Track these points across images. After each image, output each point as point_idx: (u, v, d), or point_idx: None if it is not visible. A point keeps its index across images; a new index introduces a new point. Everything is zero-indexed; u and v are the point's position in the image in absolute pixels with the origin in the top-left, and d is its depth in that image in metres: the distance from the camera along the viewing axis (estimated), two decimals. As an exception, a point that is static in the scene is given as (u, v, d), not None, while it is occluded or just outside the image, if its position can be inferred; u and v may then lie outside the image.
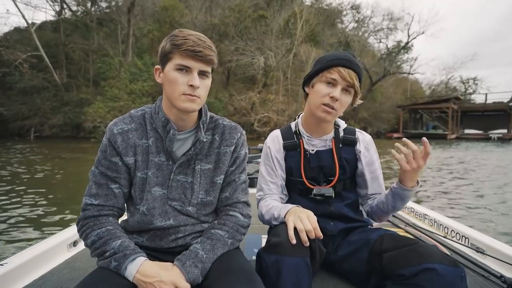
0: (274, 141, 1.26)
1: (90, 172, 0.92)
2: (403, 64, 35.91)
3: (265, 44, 24.34)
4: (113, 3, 25.49)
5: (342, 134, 1.23)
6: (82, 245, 1.51)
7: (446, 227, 1.73)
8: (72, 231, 1.51)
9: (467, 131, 37.00)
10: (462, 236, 1.59)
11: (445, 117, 33.37)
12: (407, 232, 1.69)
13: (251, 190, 1.22)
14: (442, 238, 1.65)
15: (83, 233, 0.87)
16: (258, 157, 4.20)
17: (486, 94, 38.15)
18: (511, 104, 33.75)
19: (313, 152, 1.21)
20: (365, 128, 27.64)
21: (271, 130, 1.33)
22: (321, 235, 0.91)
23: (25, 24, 21.28)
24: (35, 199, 4.72)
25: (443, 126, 34.70)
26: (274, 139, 1.27)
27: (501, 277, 1.16)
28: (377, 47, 38.47)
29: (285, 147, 1.24)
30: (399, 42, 35.56)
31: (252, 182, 2.80)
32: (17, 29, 24.12)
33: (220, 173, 0.99)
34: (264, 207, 1.15)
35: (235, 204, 1.02)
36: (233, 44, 23.79)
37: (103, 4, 25.77)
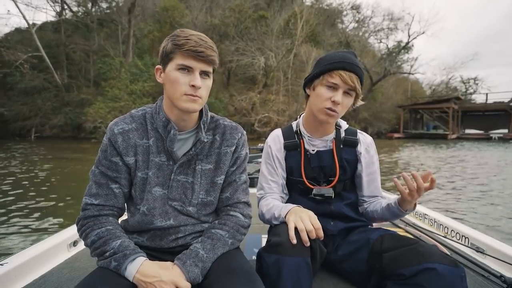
0: (275, 140, 1.27)
1: (90, 171, 0.92)
2: (404, 64, 35.85)
3: (265, 44, 24.32)
4: (114, 3, 25.51)
5: (343, 135, 1.23)
6: (82, 245, 1.51)
7: (446, 227, 1.73)
8: (72, 231, 1.50)
9: (467, 131, 36.89)
10: (462, 236, 1.58)
11: (446, 117, 33.28)
12: (407, 232, 1.69)
13: (251, 190, 1.21)
14: (442, 238, 1.65)
15: (83, 232, 0.87)
16: (258, 157, 4.20)
17: (486, 94, 38.09)
18: (512, 104, 33.69)
19: (313, 152, 1.21)
20: (365, 128, 27.63)
21: (271, 130, 1.33)
22: (322, 235, 0.91)
23: (26, 25, 21.29)
24: (35, 199, 4.73)
25: (444, 126, 34.59)
26: (275, 138, 1.27)
27: (501, 277, 1.16)
28: (378, 47, 38.47)
29: (286, 147, 1.24)
30: (399, 42, 35.48)
31: (252, 182, 2.80)
32: (18, 30, 24.15)
33: (221, 173, 0.99)
34: (265, 206, 1.15)
35: (235, 205, 1.02)
36: (234, 45, 23.78)
37: (104, 5, 25.78)
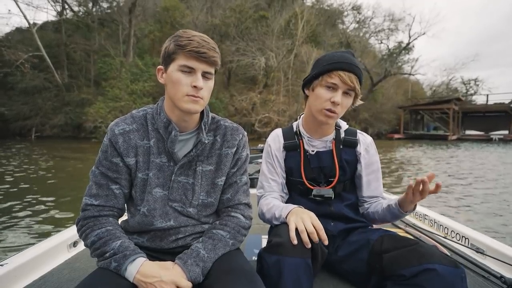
0: (275, 140, 1.27)
1: (90, 172, 0.92)
2: (404, 65, 35.83)
3: (266, 44, 24.32)
4: (115, 3, 25.47)
5: (343, 135, 1.23)
6: (82, 245, 1.51)
7: (446, 227, 1.73)
8: (72, 232, 1.50)
9: (468, 132, 36.77)
10: (462, 236, 1.58)
11: (446, 118, 33.22)
12: (407, 233, 1.69)
13: (251, 191, 1.21)
14: (442, 238, 1.65)
15: (83, 233, 0.87)
16: (258, 157, 4.19)
17: (487, 95, 38.00)
18: (512, 105, 33.64)
19: (313, 153, 1.21)
20: (366, 129, 27.58)
21: (271, 131, 1.34)
22: (325, 237, 0.90)
23: (27, 25, 21.30)
24: (35, 198, 4.73)
25: (444, 127, 34.55)
26: (275, 138, 1.28)
27: (501, 277, 1.16)
28: (378, 48, 38.40)
29: (286, 147, 1.24)
30: (400, 43, 35.46)
31: (253, 182, 2.79)
32: (18, 30, 24.14)
33: (222, 174, 0.99)
34: (265, 206, 1.15)
35: (236, 206, 1.02)
36: (234, 45, 23.77)
37: (105, 5, 25.75)
